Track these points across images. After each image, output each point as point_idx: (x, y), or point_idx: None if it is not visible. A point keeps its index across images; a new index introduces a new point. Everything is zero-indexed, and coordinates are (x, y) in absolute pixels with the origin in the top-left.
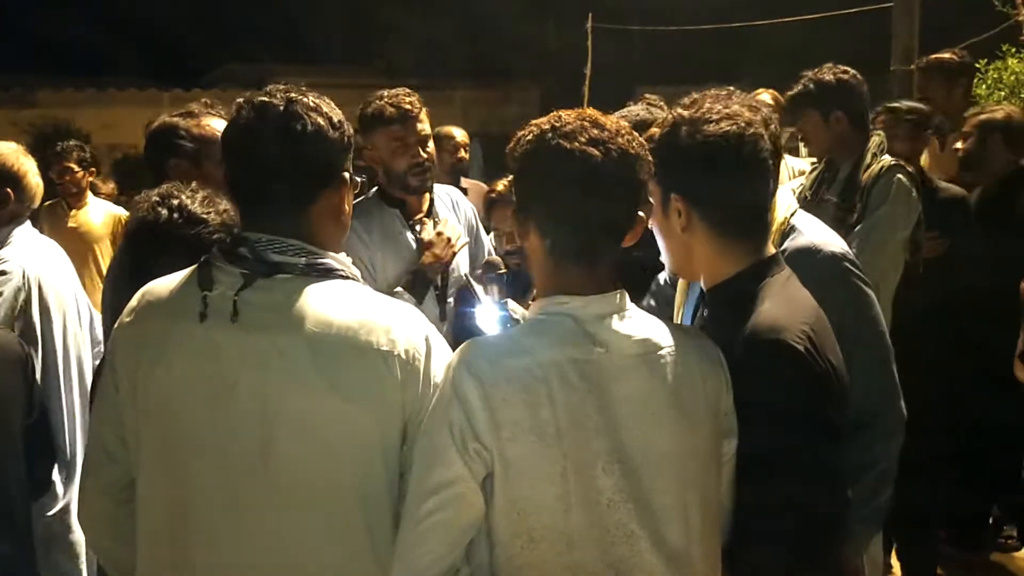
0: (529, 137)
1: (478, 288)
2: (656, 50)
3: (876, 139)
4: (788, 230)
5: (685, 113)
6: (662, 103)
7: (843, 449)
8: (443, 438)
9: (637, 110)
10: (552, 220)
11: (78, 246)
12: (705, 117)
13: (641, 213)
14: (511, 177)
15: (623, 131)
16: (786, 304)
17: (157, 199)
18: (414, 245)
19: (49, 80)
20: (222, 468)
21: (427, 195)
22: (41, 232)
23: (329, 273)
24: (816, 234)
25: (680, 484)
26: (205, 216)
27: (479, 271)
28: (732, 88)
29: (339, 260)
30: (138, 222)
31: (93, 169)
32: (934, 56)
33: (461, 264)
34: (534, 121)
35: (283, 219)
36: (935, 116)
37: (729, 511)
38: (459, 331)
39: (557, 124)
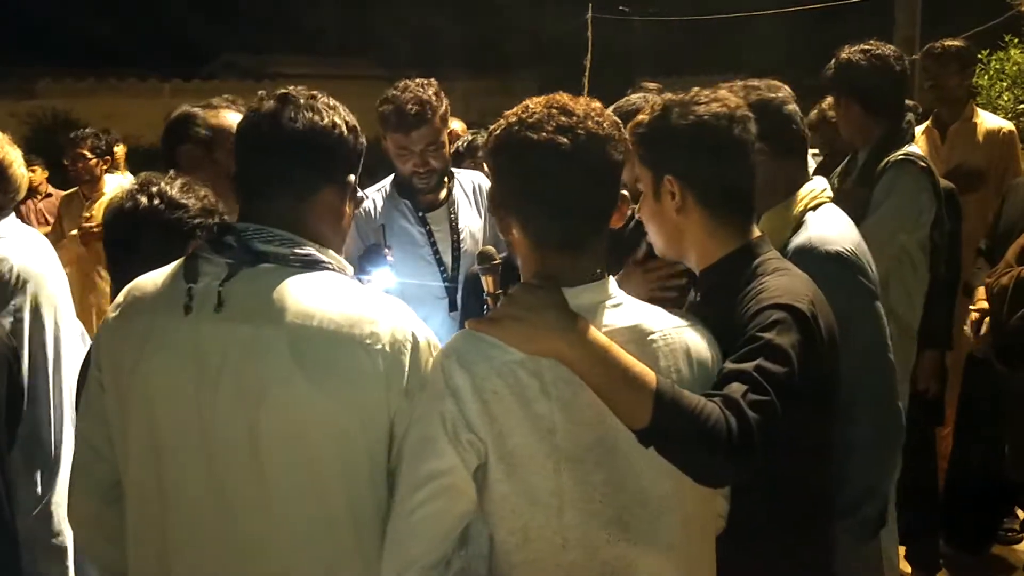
0: (498, 131)
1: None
2: (658, 39)
3: (908, 116)
4: (799, 225)
5: (675, 97)
6: (658, 90)
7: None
8: (435, 429)
9: (634, 99)
10: (530, 213)
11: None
12: (695, 100)
13: (624, 192)
14: None
15: (593, 114)
16: (787, 276)
17: (136, 188)
18: (420, 237)
19: (48, 70)
20: (207, 461)
21: (445, 183)
22: (60, 223)
23: (316, 264)
24: (820, 230)
25: (674, 472)
26: (185, 201)
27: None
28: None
29: (328, 253)
30: (115, 211)
31: (108, 158)
32: (948, 43)
33: (472, 253)
34: (506, 113)
35: (281, 210)
36: (914, 107)
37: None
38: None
39: (524, 115)
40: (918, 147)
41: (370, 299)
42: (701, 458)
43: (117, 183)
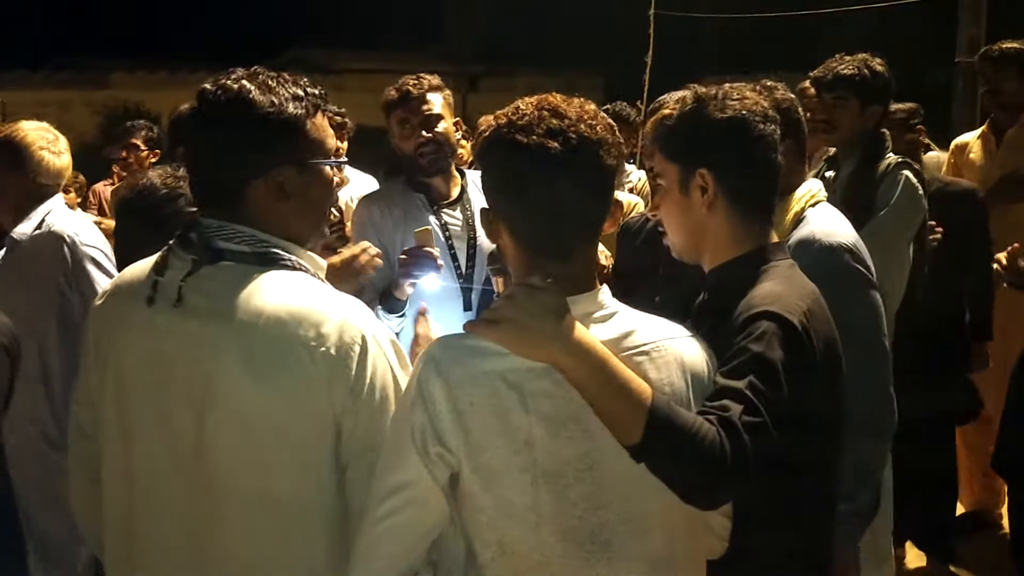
0: (487, 133)
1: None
2: (723, 38)
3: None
4: (800, 220)
5: (706, 92)
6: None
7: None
8: (404, 439)
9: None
10: (520, 217)
11: None
12: (728, 95)
13: (618, 197)
14: None
15: (586, 116)
16: (785, 285)
17: (144, 180)
18: (439, 230)
19: (122, 63)
20: (163, 451)
21: (457, 180)
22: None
23: (275, 262)
24: (822, 225)
25: (661, 487)
26: (180, 189)
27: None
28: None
29: (293, 249)
30: (120, 202)
31: (158, 151)
32: (1006, 45)
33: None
34: (497, 113)
35: (240, 204)
36: (919, 110)
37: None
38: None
39: (514, 117)
40: (974, 152)
41: (322, 298)
42: (693, 478)
43: None
